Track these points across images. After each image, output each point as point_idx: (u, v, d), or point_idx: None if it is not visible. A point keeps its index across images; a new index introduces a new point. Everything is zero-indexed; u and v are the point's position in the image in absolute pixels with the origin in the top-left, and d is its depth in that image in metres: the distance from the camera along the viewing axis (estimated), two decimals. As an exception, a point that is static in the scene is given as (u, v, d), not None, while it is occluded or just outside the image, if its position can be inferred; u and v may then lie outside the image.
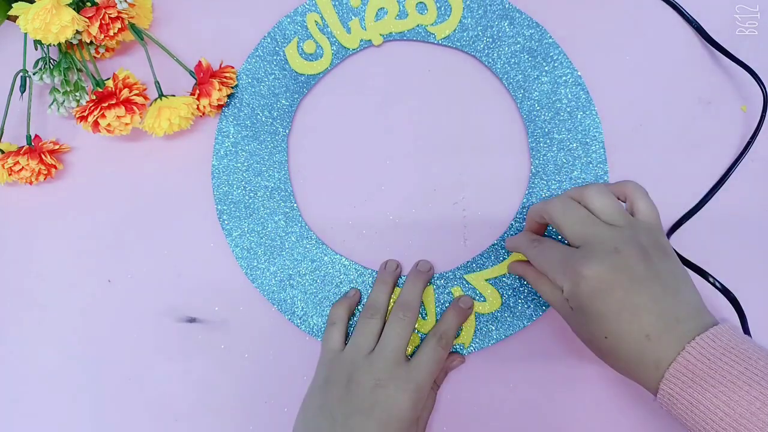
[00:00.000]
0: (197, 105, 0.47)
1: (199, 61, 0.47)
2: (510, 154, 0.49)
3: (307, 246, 0.48)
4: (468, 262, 0.47)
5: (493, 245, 0.47)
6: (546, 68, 0.49)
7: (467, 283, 0.47)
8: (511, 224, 0.48)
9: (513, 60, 0.49)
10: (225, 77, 0.47)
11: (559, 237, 0.46)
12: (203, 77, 0.46)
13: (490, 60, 0.49)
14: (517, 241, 0.43)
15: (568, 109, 0.48)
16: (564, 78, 0.49)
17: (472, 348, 0.46)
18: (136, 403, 0.47)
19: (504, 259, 0.47)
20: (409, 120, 0.50)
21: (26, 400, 0.47)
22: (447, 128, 0.49)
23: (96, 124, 0.44)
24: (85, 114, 0.44)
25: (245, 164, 0.49)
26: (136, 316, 0.48)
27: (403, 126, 0.50)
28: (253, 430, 0.46)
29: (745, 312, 0.44)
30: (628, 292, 0.35)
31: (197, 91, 0.47)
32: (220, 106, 0.48)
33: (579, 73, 0.49)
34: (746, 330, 0.44)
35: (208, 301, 0.48)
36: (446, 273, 0.47)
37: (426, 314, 0.46)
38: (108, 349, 0.48)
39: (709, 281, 0.45)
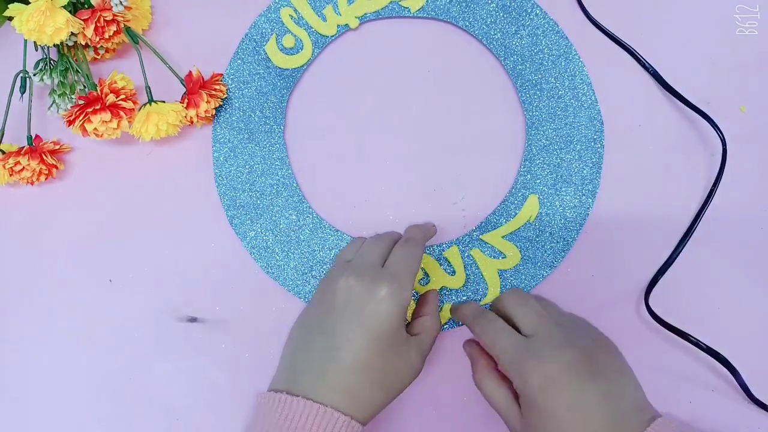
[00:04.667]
0: (185, 114, 0.47)
1: (190, 71, 0.47)
2: (502, 113, 0.50)
3: (322, 235, 0.48)
4: (482, 223, 0.48)
5: (503, 202, 0.48)
6: (522, 22, 0.50)
7: (485, 243, 0.47)
8: (509, 194, 0.48)
9: (489, 19, 0.50)
10: (214, 89, 0.47)
11: None
12: (192, 87, 0.47)
13: (467, 23, 0.50)
14: (464, 312, 0.43)
15: (551, 58, 0.49)
16: (541, 29, 0.49)
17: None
18: (136, 403, 0.47)
19: (515, 213, 0.48)
20: (400, 98, 0.50)
21: (27, 400, 0.48)
22: (438, 99, 0.50)
23: (83, 128, 0.44)
24: (72, 118, 0.44)
25: (246, 167, 0.49)
26: (137, 316, 0.48)
27: (395, 104, 0.50)
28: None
29: (740, 370, 0.44)
30: (578, 390, 0.35)
31: (186, 101, 0.47)
32: (208, 118, 0.48)
33: (555, 21, 0.49)
34: (746, 390, 0.44)
35: (209, 301, 0.48)
36: (463, 237, 0.48)
37: (455, 272, 0.47)
38: (108, 348, 0.48)
39: (691, 341, 0.44)
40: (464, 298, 0.47)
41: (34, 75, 0.47)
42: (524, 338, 0.38)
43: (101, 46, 0.48)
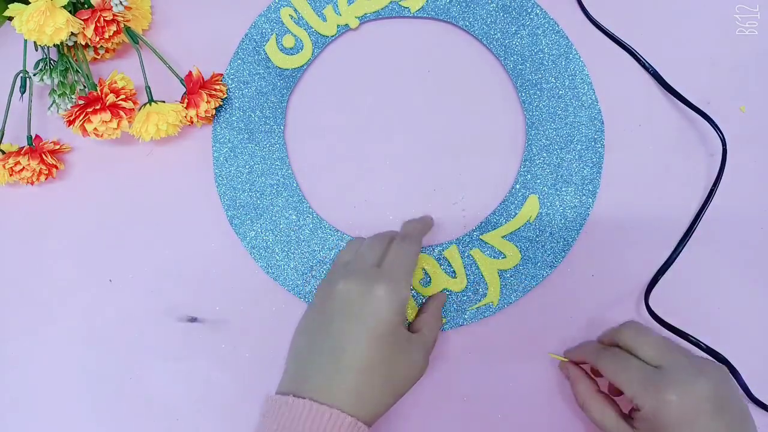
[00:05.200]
0: (185, 114, 0.47)
1: (190, 71, 0.47)
2: (502, 113, 0.50)
3: (322, 236, 0.48)
4: (482, 222, 0.48)
5: (503, 202, 0.48)
6: (522, 22, 0.50)
7: (485, 243, 0.47)
8: (508, 196, 0.48)
9: (489, 19, 0.50)
10: (214, 89, 0.47)
11: None
12: (192, 87, 0.47)
13: (467, 23, 0.50)
14: (585, 349, 0.43)
15: (551, 58, 0.49)
16: (541, 28, 0.49)
17: (501, 305, 0.47)
18: (137, 403, 0.47)
19: (516, 213, 0.48)
20: (400, 98, 0.50)
21: (26, 400, 0.48)
22: (438, 99, 0.50)
23: (83, 128, 0.45)
24: (72, 118, 0.44)
25: (246, 167, 0.49)
26: (137, 316, 0.48)
27: (395, 104, 0.50)
28: (254, 430, 0.46)
29: (740, 370, 0.44)
30: (711, 420, 0.36)
31: (186, 101, 0.47)
32: (208, 118, 0.48)
33: (555, 21, 0.49)
34: (746, 389, 0.44)
35: (209, 301, 0.48)
36: (463, 237, 0.48)
37: (456, 274, 0.47)
38: (108, 349, 0.48)
39: (691, 341, 0.44)
40: (465, 299, 0.47)
41: (34, 75, 0.47)
42: (654, 368, 0.38)
43: (101, 46, 0.48)
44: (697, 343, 0.44)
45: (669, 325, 0.45)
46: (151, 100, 0.47)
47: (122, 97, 0.45)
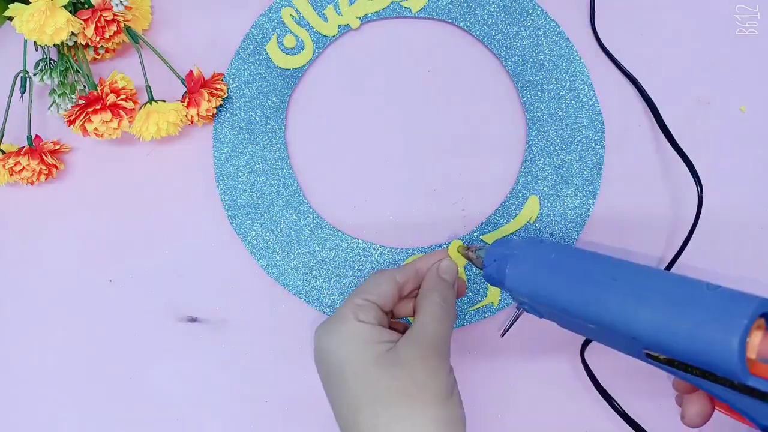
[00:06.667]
0: (186, 113, 0.47)
1: (191, 70, 0.47)
2: (503, 113, 0.50)
3: (323, 236, 0.48)
4: (482, 223, 0.48)
5: (504, 203, 0.48)
6: (524, 23, 0.50)
7: (485, 244, 0.47)
8: (507, 198, 0.48)
9: (491, 20, 0.50)
10: (216, 88, 0.47)
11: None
12: (193, 86, 0.47)
13: (468, 24, 0.50)
14: None
15: (552, 59, 0.49)
16: (542, 30, 0.49)
17: (501, 306, 0.47)
18: (137, 403, 0.47)
19: (516, 214, 0.48)
20: (401, 98, 0.50)
21: (26, 400, 0.48)
22: (439, 99, 0.50)
23: (84, 128, 0.44)
24: (72, 118, 0.44)
25: (247, 167, 0.49)
26: (137, 316, 0.48)
27: (395, 104, 0.50)
28: (254, 430, 0.47)
29: None
30: None
31: (186, 100, 0.47)
32: (209, 117, 0.48)
33: (556, 22, 0.49)
34: None
35: (209, 301, 0.48)
36: (463, 237, 0.48)
37: None
38: (108, 349, 0.48)
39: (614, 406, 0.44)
40: (466, 300, 0.47)
41: (35, 75, 0.47)
42: None
43: (101, 45, 0.48)
44: None
45: (669, 326, 0.45)
46: (151, 100, 0.47)
47: (123, 96, 0.45)
